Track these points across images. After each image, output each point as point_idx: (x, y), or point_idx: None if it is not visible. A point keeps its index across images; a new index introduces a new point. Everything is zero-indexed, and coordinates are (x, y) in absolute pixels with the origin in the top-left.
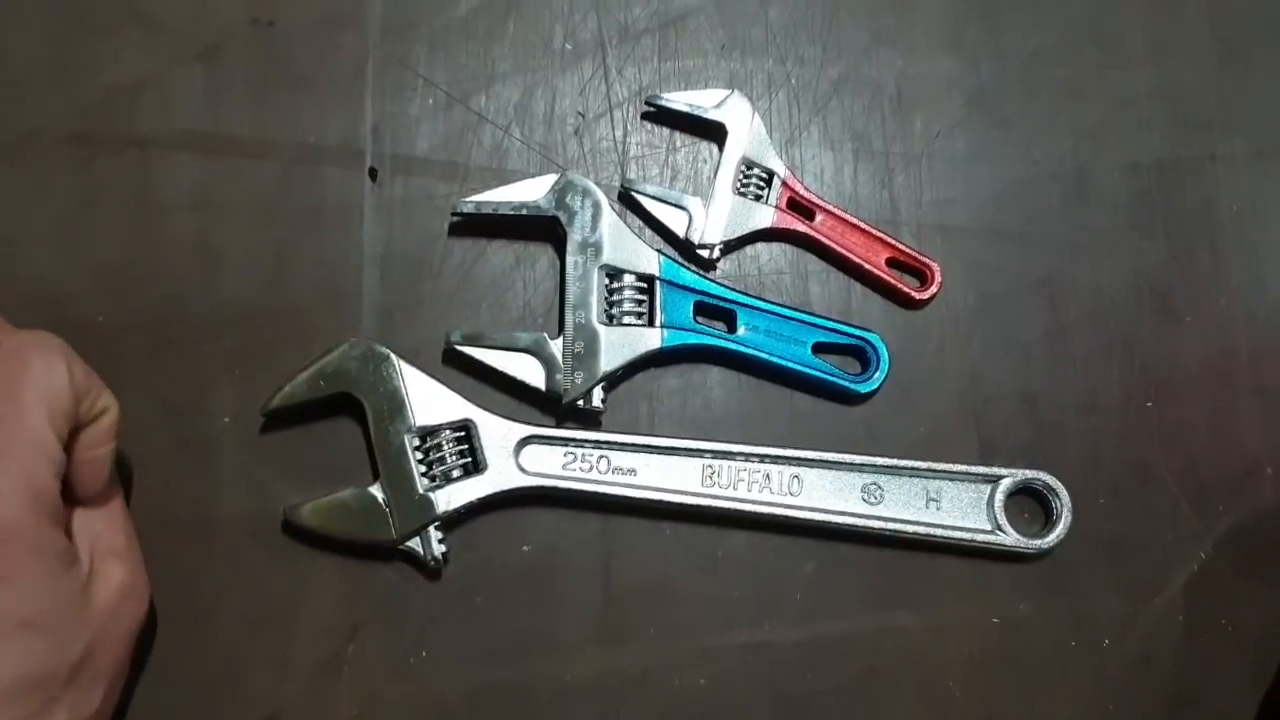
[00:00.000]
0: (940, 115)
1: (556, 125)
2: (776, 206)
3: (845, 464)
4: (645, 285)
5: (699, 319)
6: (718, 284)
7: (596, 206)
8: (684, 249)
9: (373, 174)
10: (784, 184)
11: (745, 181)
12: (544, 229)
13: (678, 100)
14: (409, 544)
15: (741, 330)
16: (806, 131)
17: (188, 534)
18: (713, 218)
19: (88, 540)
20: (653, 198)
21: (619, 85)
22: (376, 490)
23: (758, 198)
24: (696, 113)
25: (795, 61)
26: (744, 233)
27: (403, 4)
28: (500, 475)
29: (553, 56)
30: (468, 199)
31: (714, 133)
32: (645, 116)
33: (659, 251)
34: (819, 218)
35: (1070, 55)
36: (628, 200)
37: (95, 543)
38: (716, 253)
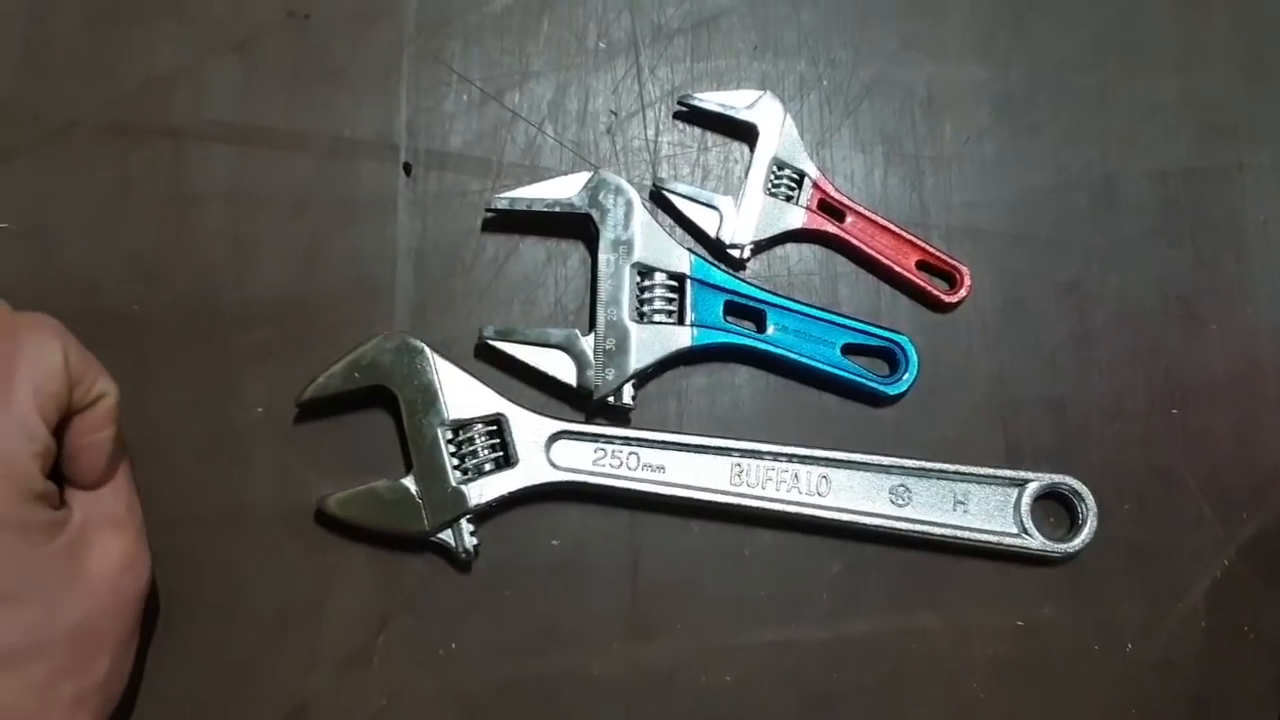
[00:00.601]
0: (970, 120)
1: (589, 123)
2: (807, 207)
3: (873, 465)
4: (676, 284)
5: (729, 318)
6: (748, 284)
7: (629, 205)
8: (715, 248)
9: (407, 169)
10: (815, 185)
11: (776, 182)
12: (576, 226)
13: (710, 100)
14: (440, 536)
15: (771, 330)
16: (838, 134)
17: (219, 524)
18: (743, 218)
19: (85, 512)
20: (684, 197)
21: (651, 84)
22: (409, 482)
23: (788, 198)
24: (728, 113)
25: (827, 64)
26: (774, 233)
27: None
28: (531, 470)
29: (586, 55)
30: (501, 195)
31: (745, 133)
32: (677, 116)
33: (690, 250)
34: (849, 219)
35: (1099, 63)
36: (659, 199)
37: (94, 514)
38: (747, 253)
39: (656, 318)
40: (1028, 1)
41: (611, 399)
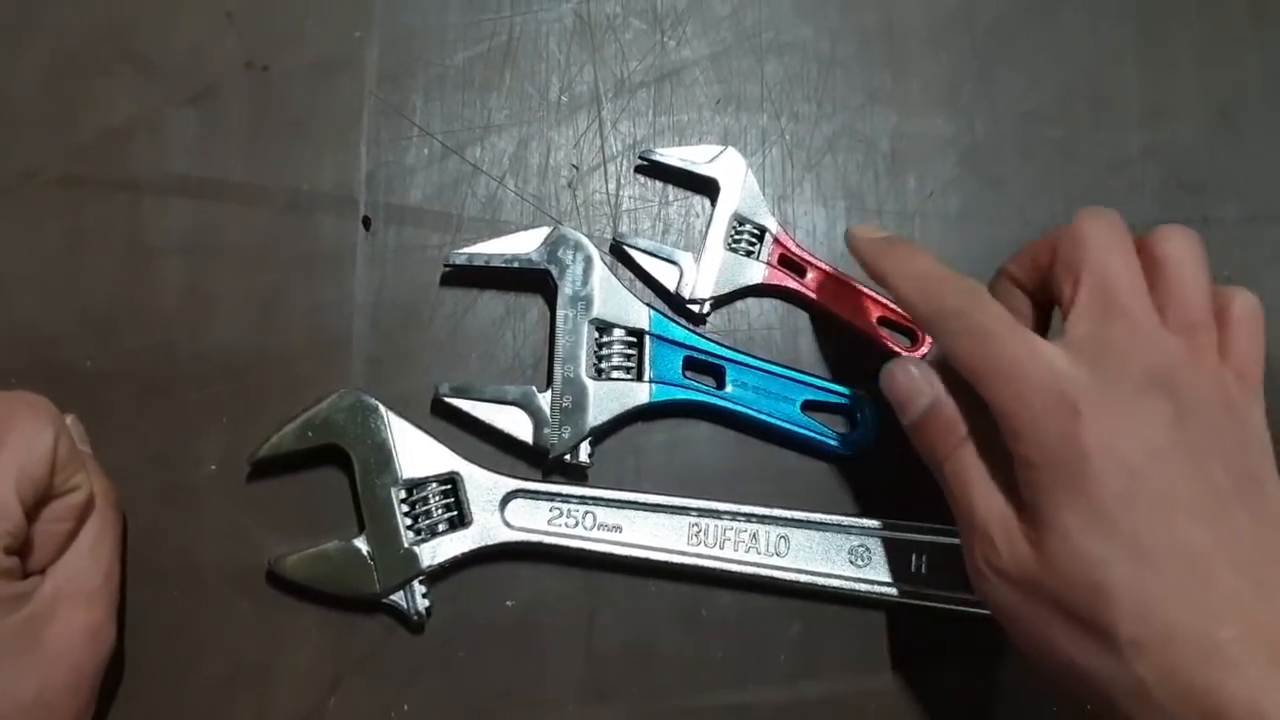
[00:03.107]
0: (934, 174)
1: (550, 177)
2: (768, 263)
3: (832, 525)
4: (635, 340)
5: (688, 374)
6: (707, 339)
7: (588, 260)
8: (675, 304)
9: (366, 223)
10: (775, 240)
11: (737, 237)
12: (535, 281)
13: (671, 155)
14: (392, 598)
15: (730, 387)
16: (799, 188)
17: (170, 582)
18: (704, 273)
19: (58, 583)
20: (644, 252)
21: (613, 138)
22: (361, 543)
23: (749, 254)
24: (690, 168)
25: (790, 117)
26: (735, 288)
27: (399, 51)
28: (485, 530)
29: (548, 108)
30: (459, 250)
31: (707, 188)
32: (639, 170)
33: (649, 306)
34: (810, 275)
35: (1064, 116)
36: (619, 254)
37: (67, 586)
38: (707, 308)
39: (614, 374)
40: (993, 54)
41: (568, 457)
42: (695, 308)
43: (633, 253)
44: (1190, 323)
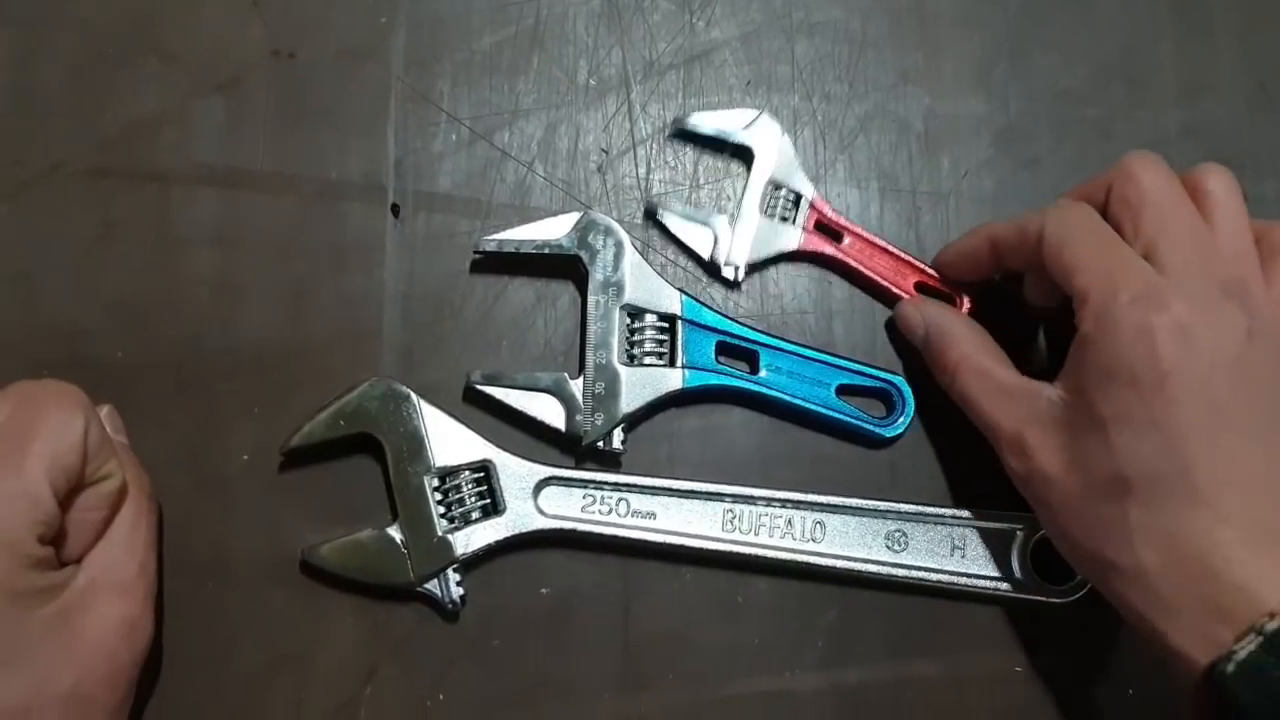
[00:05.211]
0: (968, 154)
1: (580, 162)
2: (804, 228)
3: (869, 510)
4: (667, 325)
5: (721, 359)
6: (740, 324)
7: (619, 245)
8: (710, 270)
9: (395, 210)
10: (812, 205)
11: (772, 203)
12: (566, 267)
13: (705, 124)
14: (426, 586)
15: (764, 371)
16: (832, 169)
17: (204, 573)
18: (739, 238)
19: (93, 574)
20: (679, 216)
21: (643, 121)
22: (395, 531)
23: (785, 219)
24: (724, 136)
25: (821, 98)
26: (771, 254)
27: (426, 36)
28: (519, 517)
29: (577, 92)
30: (489, 237)
31: (741, 154)
32: (673, 137)
33: (681, 290)
34: (847, 240)
35: (1100, 95)
36: (653, 220)
37: (102, 577)
38: (741, 273)
39: (647, 360)
40: (1026, 32)
41: (601, 444)
42: (729, 272)
43: (667, 219)
44: (1239, 252)
